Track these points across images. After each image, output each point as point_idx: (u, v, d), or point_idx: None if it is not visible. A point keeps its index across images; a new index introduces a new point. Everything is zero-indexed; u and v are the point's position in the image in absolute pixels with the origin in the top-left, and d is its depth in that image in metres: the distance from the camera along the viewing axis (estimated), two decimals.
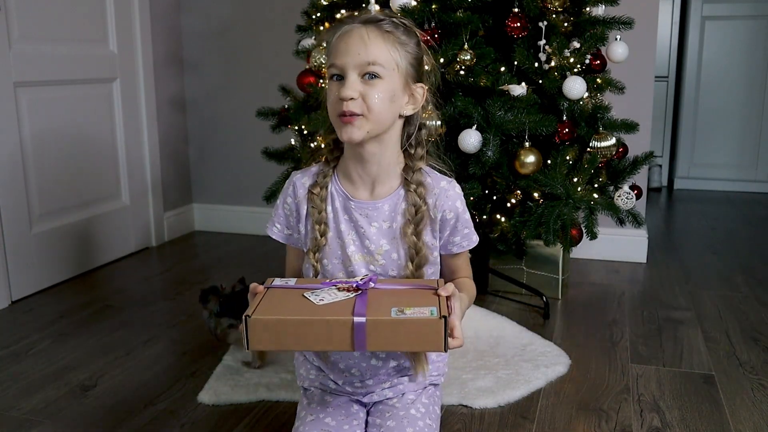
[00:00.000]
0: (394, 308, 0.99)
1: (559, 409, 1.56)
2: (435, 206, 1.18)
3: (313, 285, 1.09)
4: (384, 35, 1.09)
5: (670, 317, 2.14)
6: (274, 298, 1.05)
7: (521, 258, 2.30)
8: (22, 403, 1.60)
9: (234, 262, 2.73)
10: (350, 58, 1.08)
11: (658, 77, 4.18)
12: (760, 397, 1.61)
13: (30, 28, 2.30)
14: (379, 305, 1.00)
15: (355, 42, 1.08)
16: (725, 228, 3.31)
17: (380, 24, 1.10)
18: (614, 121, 1.93)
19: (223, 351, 1.86)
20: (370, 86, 1.08)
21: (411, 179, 1.17)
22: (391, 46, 1.10)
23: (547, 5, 1.83)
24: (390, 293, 1.06)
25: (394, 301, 1.02)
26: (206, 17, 3.04)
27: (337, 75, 1.11)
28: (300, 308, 1.01)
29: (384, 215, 1.17)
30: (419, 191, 1.17)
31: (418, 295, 1.05)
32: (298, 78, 2.06)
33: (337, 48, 1.10)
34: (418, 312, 0.98)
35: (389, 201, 1.18)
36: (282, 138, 2.33)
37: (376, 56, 1.08)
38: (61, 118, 2.46)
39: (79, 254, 2.57)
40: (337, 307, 1.01)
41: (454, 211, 1.19)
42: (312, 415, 1.20)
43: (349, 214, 1.18)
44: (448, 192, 1.19)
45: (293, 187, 1.22)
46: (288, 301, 1.04)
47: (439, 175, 1.21)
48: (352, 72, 1.08)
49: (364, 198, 1.18)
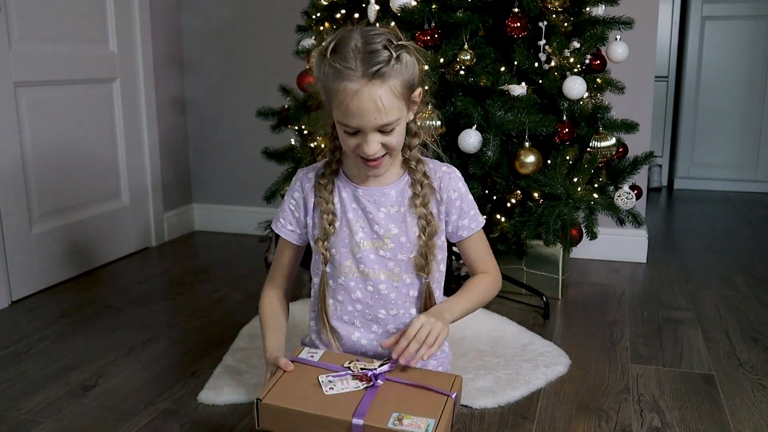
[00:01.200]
0: (394, 414, 1.05)
1: (559, 409, 1.56)
2: (440, 188, 1.27)
3: (332, 365, 1.18)
4: (389, 83, 1.11)
5: (670, 317, 2.14)
6: (289, 380, 1.13)
7: (521, 258, 2.30)
8: (22, 403, 1.60)
9: (234, 262, 2.73)
10: (366, 122, 1.12)
11: (658, 77, 4.18)
12: (760, 397, 1.61)
13: (30, 28, 2.30)
14: (383, 406, 1.07)
15: (369, 107, 1.11)
16: (725, 228, 3.31)
17: (384, 74, 1.10)
18: (614, 121, 1.93)
19: (223, 351, 1.86)
20: (390, 135, 1.16)
21: (410, 157, 1.25)
22: (396, 90, 1.13)
23: (547, 5, 1.83)
24: (399, 391, 1.12)
25: (399, 404, 1.08)
26: (206, 17, 3.04)
27: (352, 132, 1.16)
28: (308, 397, 1.09)
29: (392, 200, 1.25)
30: (419, 167, 1.25)
31: (425, 399, 1.10)
32: (298, 78, 2.06)
33: (347, 109, 1.12)
34: (415, 424, 1.04)
35: (396, 187, 1.26)
36: (282, 138, 2.33)
37: (390, 117, 1.13)
38: (61, 118, 2.46)
39: (79, 254, 2.57)
40: (343, 401, 1.08)
41: (458, 191, 1.28)
42: None
43: (357, 202, 1.26)
44: (451, 174, 1.29)
45: (300, 182, 1.29)
46: (300, 387, 1.12)
47: (438, 162, 1.31)
48: (371, 132, 1.14)
49: (370, 185, 1.26)
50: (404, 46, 1.15)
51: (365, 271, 1.28)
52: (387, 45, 1.13)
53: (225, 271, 2.62)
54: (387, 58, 1.11)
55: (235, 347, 1.88)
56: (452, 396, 1.11)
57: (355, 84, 1.10)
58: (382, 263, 1.28)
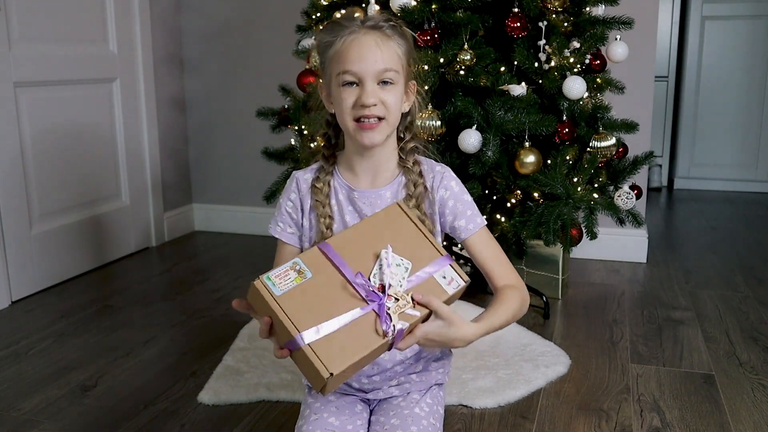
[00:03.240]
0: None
1: (559, 409, 1.56)
2: (432, 188, 1.23)
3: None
4: (391, 40, 1.14)
5: (670, 317, 2.14)
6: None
7: (521, 258, 2.29)
8: (22, 403, 1.60)
9: (234, 262, 2.73)
10: (367, 66, 1.12)
11: (658, 77, 4.17)
12: (760, 397, 1.61)
13: (30, 28, 2.30)
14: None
15: (370, 50, 1.12)
16: (725, 228, 3.31)
17: (383, 29, 1.14)
18: (614, 121, 1.93)
19: (223, 351, 1.86)
20: (387, 91, 1.14)
21: (406, 157, 1.23)
22: (397, 49, 1.14)
23: (547, 5, 1.83)
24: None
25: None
26: (206, 17, 3.04)
27: (351, 82, 1.13)
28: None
29: (387, 201, 1.22)
30: (415, 168, 1.22)
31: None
32: (298, 78, 2.06)
33: (348, 55, 1.12)
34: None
35: (390, 188, 1.23)
36: (282, 138, 2.33)
37: (390, 64, 1.13)
38: (61, 118, 2.46)
39: (79, 254, 2.57)
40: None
41: (450, 190, 1.23)
42: (316, 414, 1.20)
43: (353, 204, 1.23)
44: (443, 173, 1.24)
45: (296, 183, 1.27)
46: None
47: (433, 161, 1.27)
48: (371, 80, 1.12)
49: (366, 187, 1.23)
50: (404, 29, 1.19)
51: None
52: (388, 17, 1.17)
53: (225, 271, 2.62)
54: (387, 20, 1.15)
55: (235, 347, 1.88)
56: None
57: (355, 33, 1.13)
58: None
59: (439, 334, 1.06)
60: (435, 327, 1.05)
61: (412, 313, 1.02)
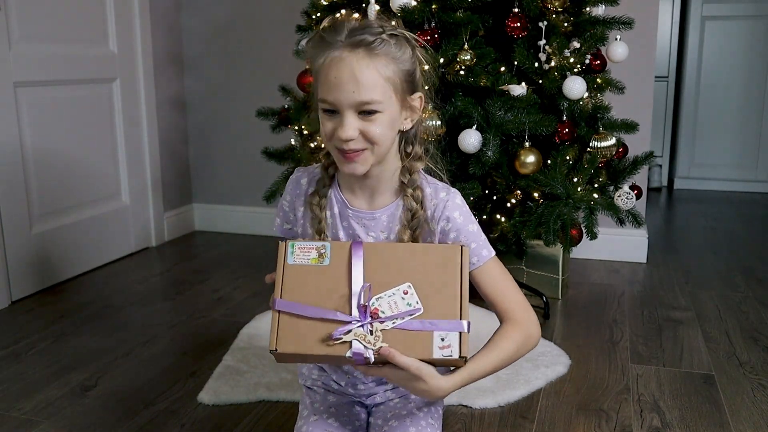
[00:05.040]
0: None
1: (559, 409, 1.56)
2: (433, 218, 1.11)
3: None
4: (376, 60, 0.99)
5: (670, 317, 2.14)
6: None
7: (521, 258, 2.30)
8: (22, 403, 1.60)
9: (234, 262, 2.73)
10: (343, 96, 0.99)
11: (658, 77, 4.17)
12: (760, 397, 1.61)
13: (30, 28, 2.30)
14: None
15: (346, 77, 0.98)
16: (725, 228, 3.31)
17: (371, 47, 0.99)
18: (614, 121, 1.93)
19: (223, 351, 1.86)
20: (370, 122, 1.01)
21: (407, 182, 1.10)
22: (384, 71, 1.00)
23: (547, 5, 1.83)
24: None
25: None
26: (206, 17, 3.04)
27: (329, 110, 1.02)
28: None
29: (382, 225, 1.12)
30: (416, 195, 1.10)
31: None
32: (298, 78, 2.06)
33: (326, 80, 1.00)
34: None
35: (387, 211, 1.12)
36: (282, 138, 2.33)
37: (371, 95, 0.99)
38: (61, 118, 2.46)
39: (79, 254, 2.57)
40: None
41: (453, 222, 1.10)
42: (315, 415, 1.20)
43: (347, 221, 1.14)
44: (447, 203, 1.11)
45: (293, 185, 1.19)
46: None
47: (440, 185, 1.13)
48: (348, 111, 1.00)
49: (362, 207, 1.13)
50: (405, 35, 1.04)
51: None
52: (383, 26, 1.02)
53: (225, 271, 2.62)
54: (377, 32, 1.00)
55: (235, 347, 1.88)
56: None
57: (338, 52, 0.99)
58: None
59: (403, 384, 1.02)
60: (400, 375, 1.00)
61: (371, 352, 0.99)
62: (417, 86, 1.06)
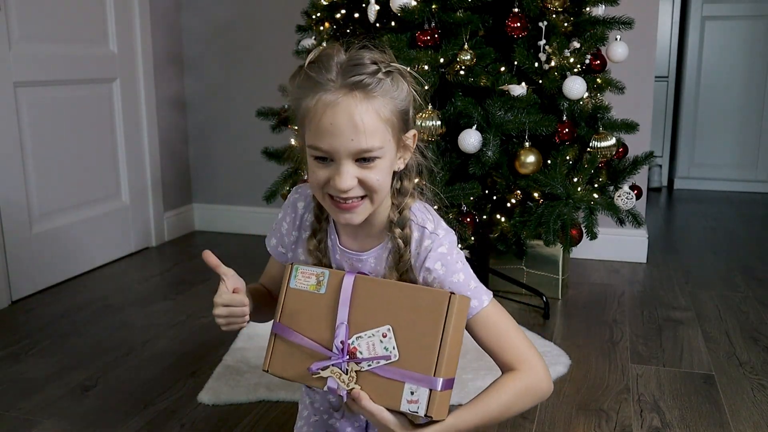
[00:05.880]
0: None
1: (559, 409, 1.56)
2: (414, 266, 1.03)
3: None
4: (374, 102, 0.92)
5: (670, 317, 2.14)
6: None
7: (521, 258, 2.30)
8: (22, 403, 1.60)
9: (234, 262, 2.70)
10: (340, 144, 0.91)
11: (658, 77, 4.18)
12: (760, 397, 1.61)
13: (30, 28, 2.30)
14: None
15: (344, 124, 0.90)
16: (725, 228, 3.31)
17: (368, 88, 0.91)
18: (614, 121, 1.93)
19: (223, 351, 1.86)
20: (369, 169, 0.94)
21: (396, 221, 1.02)
22: (382, 112, 0.93)
23: (547, 5, 1.83)
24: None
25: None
26: (206, 17, 3.04)
27: (322, 158, 0.94)
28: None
29: (369, 267, 1.06)
30: (405, 234, 1.02)
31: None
32: None
33: (319, 126, 0.91)
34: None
35: (374, 254, 1.06)
36: (282, 138, 2.33)
37: (371, 142, 0.91)
38: (61, 118, 2.46)
39: (79, 254, 2.57)
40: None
41: (435, 273, 1.01)
42: (316, 415, 1.20)
43: (336, 255, 1.10)
44: (429, 252, 1.01)
45: (292, 206, 1.15)
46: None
47: (428, 229, 1.03)
48: (346, 159, 0.92)
49: (351, 247, 1.08)
50: (397, 67, 0.96)
51: None
52: (376, 61, 0.94)
53: None
54: (373, 70, 0.92)
55: (235, 347, 1.88)
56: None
57: (332, 95, 0.90)
58: None
59: (374, 424, 1.00)
60: (370, 417, 0.98)
61: (344, 391, 0.99)
62: (410, 124, 1.00)
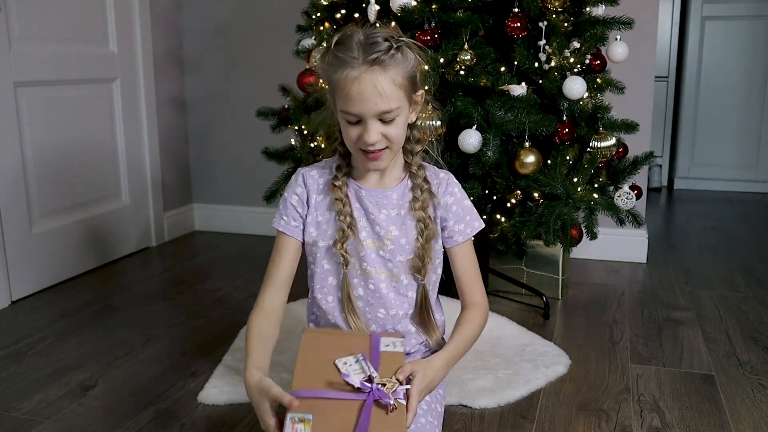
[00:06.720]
0: None
1: (559, 409, 1.56)
2: (437, 193, 1.31)
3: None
4: (390, 72, 1.16)
5: (670, 317, 2.14)
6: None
7: (521, 258, 2.30)
8: (22, 403, 1.60)
9: (234, 262, 2.73)
10: (367, 108, 1.16)
11: (658, 77, 4.18)
12: (760, 397, 1.61)
13: (30, 28, 2.30)
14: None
15: (369, 92, 1.15)
16: (725, 228, 3.31)
17: (384, 62, 1.15)
18: (614, 121, 1.93)
19: (223, 351, 1.86)
20: (390, 126, 1.19)
21: (412, 162, 1.30)
22: (397, 79, 1.17)
23: (547, 5, 1.83)
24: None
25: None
26: (206, 17, 3.04)
27: (353, 120, 1.19)
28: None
29: (392, 203, 1.29)
30: (420, 173, 1.29)
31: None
32: (298, 78, 2.06)
33: (349, 95, 1.16)
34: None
35: (397, 190, 1.30)
36: (282, 138, 2.33)
37: (390, 104, 1.16)
38: (61, 118, 2.46)
39: (79, 254, 2.57)
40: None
41: (454, 195, 1.32)
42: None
43: (360, 202, 1.29)
44: (448, 180, 1.33)
45: (302, 178, 1.32)
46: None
47: (436, 168, 1.35)
48: (372, 119, 1.17)
49: (373, 186, 1.30)
50: (404, 41, 1.21)
51: (367, 269, 1.30)
52: (387, 38, 1.18)
53: (225, 271, 2.62)
54: (387, 47, 1.16)
55: (235, 347, 1.88)
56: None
57: (356, 70, 1.15)
58: (382, 263, 1.30)
59: (425, 383, 1.17)
60: (419, 380, 1.15)
61: (401, 389, 1.12)
62: (418, 85, 1.24)
